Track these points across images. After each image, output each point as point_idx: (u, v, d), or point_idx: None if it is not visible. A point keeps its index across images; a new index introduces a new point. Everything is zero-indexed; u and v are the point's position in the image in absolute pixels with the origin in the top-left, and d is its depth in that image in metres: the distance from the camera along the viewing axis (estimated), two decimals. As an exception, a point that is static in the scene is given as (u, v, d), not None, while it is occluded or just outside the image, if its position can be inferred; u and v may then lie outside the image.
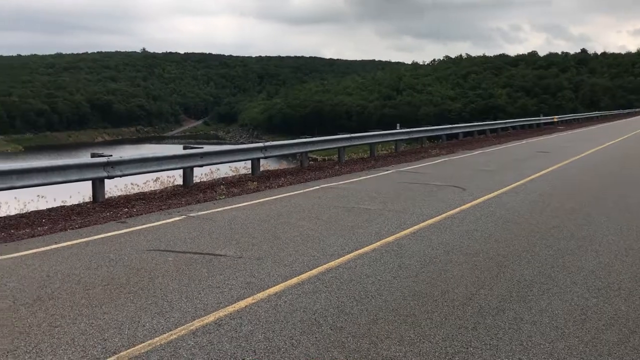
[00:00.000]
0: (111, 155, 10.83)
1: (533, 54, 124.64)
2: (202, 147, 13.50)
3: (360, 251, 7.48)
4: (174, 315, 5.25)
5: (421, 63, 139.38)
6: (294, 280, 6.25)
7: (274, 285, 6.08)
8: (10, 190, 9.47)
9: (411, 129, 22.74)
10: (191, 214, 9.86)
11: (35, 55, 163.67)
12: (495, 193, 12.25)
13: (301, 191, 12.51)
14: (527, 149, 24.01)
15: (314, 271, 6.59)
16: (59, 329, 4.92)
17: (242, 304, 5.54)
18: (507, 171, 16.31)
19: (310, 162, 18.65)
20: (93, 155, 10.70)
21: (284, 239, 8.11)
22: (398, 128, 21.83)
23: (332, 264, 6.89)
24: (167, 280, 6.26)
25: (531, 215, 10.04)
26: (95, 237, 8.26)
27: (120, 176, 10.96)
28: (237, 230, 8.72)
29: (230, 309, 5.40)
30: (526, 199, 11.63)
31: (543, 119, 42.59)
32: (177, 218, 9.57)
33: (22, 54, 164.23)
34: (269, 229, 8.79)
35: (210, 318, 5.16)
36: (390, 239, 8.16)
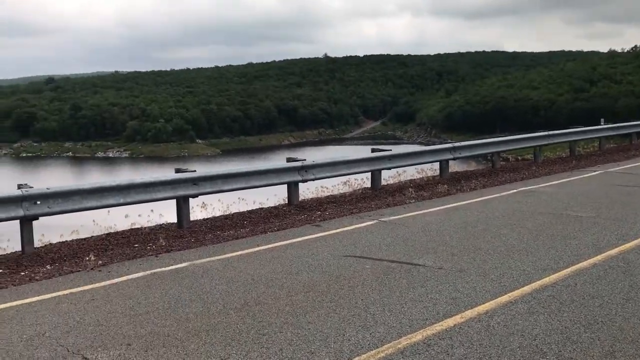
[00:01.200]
0: (305, 160, 11.05)
1: None
2: (390, 150, 13.28)
3: (577, 266, 6.61)
4: (378, 330, 4.99)
5: (619, 51, 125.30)
6: (505, 298, 5.65)
7: (483, 303, 5.54)
8: (218, 194, 10.08)
9: (619, 124, 20.26)
10: (383, 219, 9.64)
11: (230, 66, 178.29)
12: None
13: (497, 195, 11.67)
14: None
15: (527, 288, 5.92)
16: (266, 337, 4.92)
17: (449, 322, 5.10)
18: None
19: (502, 162, 17.51)
20: (289, 160, 11.01)
21: (486, 250, 7.49)
22: (602, 123, 19.61)
23: (546, 280, 6.15)
24: (367, 289, 6.05)
25: None
26: (293, 240, 8.39)
27: (313, 179, 11.14)
28: (433, 237, 8.28)
29: (438, 327, 5.00)
30: None
31: None
32: (369, 222, 9.41)
33: (220, 65, 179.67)
34: (467, 237, 8.22)
35: (418, 336, 4.81)
36: (613, 252, 7.12)
